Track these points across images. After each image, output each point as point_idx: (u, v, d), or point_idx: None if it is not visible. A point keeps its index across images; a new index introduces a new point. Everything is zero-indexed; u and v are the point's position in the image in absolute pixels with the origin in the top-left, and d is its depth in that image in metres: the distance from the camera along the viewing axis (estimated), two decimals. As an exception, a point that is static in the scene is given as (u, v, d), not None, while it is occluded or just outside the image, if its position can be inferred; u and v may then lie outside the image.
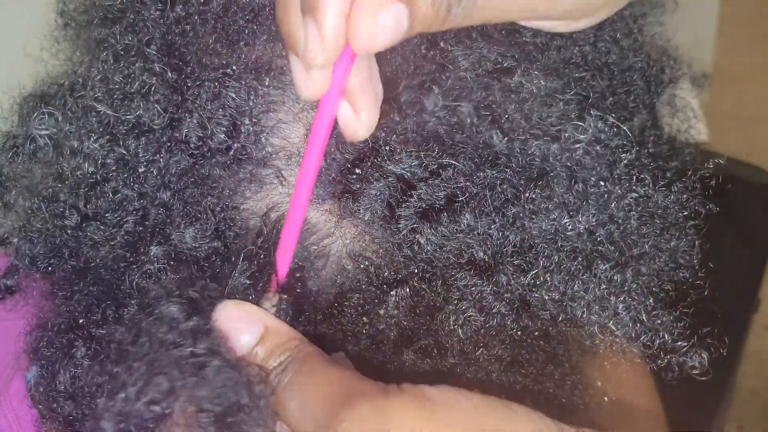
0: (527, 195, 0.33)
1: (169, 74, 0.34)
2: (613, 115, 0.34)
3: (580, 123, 0.33)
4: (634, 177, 0.34)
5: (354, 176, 0.34)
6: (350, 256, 0.35)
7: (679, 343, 0.35)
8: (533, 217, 0.33)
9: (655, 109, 0.39)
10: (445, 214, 0.33)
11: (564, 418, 0.41)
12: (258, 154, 0.35)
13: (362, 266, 0.35)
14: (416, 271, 0.34)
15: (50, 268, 0.37)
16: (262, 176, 0.35)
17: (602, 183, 0.33)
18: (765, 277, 0.97)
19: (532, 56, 0.34)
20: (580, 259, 0.34)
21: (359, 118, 0.30)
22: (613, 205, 0.34)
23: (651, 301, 0.35)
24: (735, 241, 0.94)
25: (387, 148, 0.33)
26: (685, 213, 0.36)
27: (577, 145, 0.33)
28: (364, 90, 0.30)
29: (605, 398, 0.49)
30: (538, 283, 0.34)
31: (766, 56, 2.00)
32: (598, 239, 0.34)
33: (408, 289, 0.34)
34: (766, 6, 2.09)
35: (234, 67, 0.35)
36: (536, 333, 0.36)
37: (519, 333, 0.35)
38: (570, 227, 0.33)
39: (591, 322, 0.34)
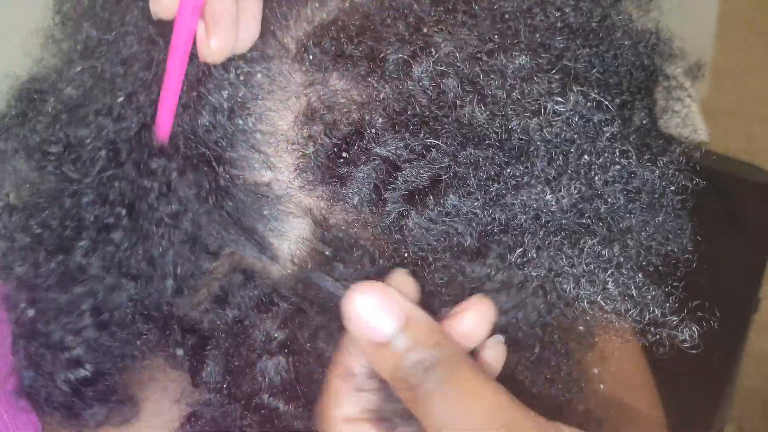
0: (509, 171, 0.33)
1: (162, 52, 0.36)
2: (596, 90, 0.34)
3: (559, 98, 0.33)
4: (617, 150, 0.34)
5: (341, 160, 0.34)
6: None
7: (670, 317, 0.35)
8: (516, 192, 0.33)
9: (647, 88, 0.39)
10: (431, 195, 0.33)
11: (561, 409, 0.41)
12: (247, 141, 0.35)
13: (356, 254, 0.35)
14: (407, 256, 0.34)
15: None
16: (251, 161, 0.36)
17: (584, 156, 0.33)
18: (765, 276, 0.97)
19: (514, 35, 0.34)
20: (565, 234, 0.34)
21: (209, 43, 0.32)
22: (596, 179, 0.33)
23: (640, 275, 0.35)
24: (735, 240, 0.94)
25: (373, 131, 0.33)
26: (672, 187, 0.36)
27: (557, 118, 0.33)
28: (218, 16, 0.32)
29: (601, 386, 0.49)
30: (525, 260, 0.34)
31: (765, 54, 2.00)
32: (584, 214, 0.34)
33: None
34: (765, 4, 2.09)
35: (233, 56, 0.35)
36: (531, 317, 0.36)
37: (514, 318, 0.36)
38: (553, 202, 0.33)
39: (580, 298, 0.34)
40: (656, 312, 0.35)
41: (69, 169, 0.37)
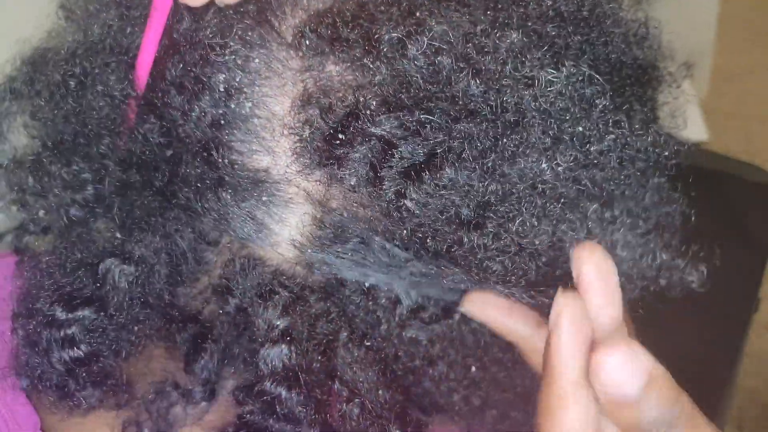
0: (504, 141, 0.33)
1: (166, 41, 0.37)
2: (587, 65, 0.35)
3: (552, 69, 0.33)
4: (611, 120, 0.35)
5: (338, 142, 0.34)
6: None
7: (677, 260, 0.37)
8: (511, 163, 0.34)
9: (637, 77, 0.39)
10: (427, 171, 0.33)
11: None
12: (244, 126, 0.36)
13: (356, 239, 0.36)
14: (405, 233, 0.35)
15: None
16: (249, 146, 0.36)
17: (578, 126, 0.34)
18: (765, 276, 0.97)
19: (505, 16, 0.35)
20: (565, 201, 0.34)
21: None
22: (592, 149, 0.34)
23: (643, 228, 0.36)
24: (735, 241, 0.94)
25: (368, 111, 0.34)
26: (665, 153, 0.37)
27: (549, 89, 0.33)
28: None
29: None
30: (526, 229, 0.34)
31: (765, 55, 2.00)
32: (581, 181, 0.35)
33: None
34: (765, 5, 2.09)
35: (231, 42, 0.36)
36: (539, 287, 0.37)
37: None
38: (548, 170, 0.34)
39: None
40: (664, 257, 0.36)
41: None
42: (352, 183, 0.35)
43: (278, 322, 0.37)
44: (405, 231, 0.35)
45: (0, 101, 0.41)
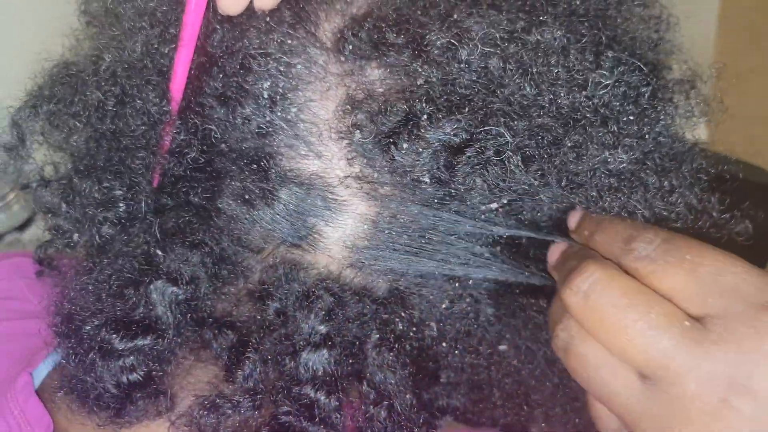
0: (567, 139, 0.35)
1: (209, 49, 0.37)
2: (626, 53, 0.36)
3: (604, 71, 0.35)
4: (659, 106, 0.37)
5: (403, 150, 0.34)
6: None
7: (725, 215, 0.41)
8: (578, 160, 0.35)
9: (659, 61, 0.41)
10: (498, 170, 0.35)
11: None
12: (291, 130, 0.36)
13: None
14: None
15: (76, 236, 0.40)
16: (298, 151, 0.36)
17: (632, 118, 0.36)
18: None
19: (539, 14, 0.35)
20: (629, 184, 0.37)
21: None
22: (647, 136, 0.36)
23: (697, 189, 0.40)
24: (735, 241, 0.94)
25: (425, 116, 0.34)
26: (705, 119, 0.41)
27: (602, 91, 0.35)
28: None
29: None
30: (617, 203, 0.37)
31: (766, 56, 2.00)
32: (648, 165, 0.37)
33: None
34: (766, 6, 2.09)
35: (271, 49, 0.36)
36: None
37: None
38: (612, 164, 0.36)
39: (654, 214, 0.38)
40: (715, 215, 0.40)
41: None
42: (428, 184, 0.35)
43: (321, 327, 0.37)
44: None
45: (25, 120, 0.41)
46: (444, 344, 0.41)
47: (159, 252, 0.37)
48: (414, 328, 0.39)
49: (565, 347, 0.33)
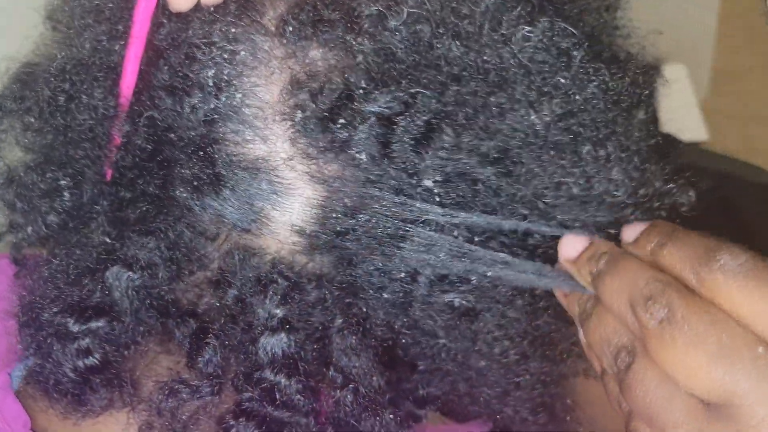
0: (492, 99, 0.35)
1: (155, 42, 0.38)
2: (560, 19, 0.36)
3: (528, 26, 0.35)
4: (591, 69, 0.37)
5: (339, 126, 0.35)
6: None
7: (669, 185, 0.39)
8: (501, 118, 0.35)
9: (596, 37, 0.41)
10: (427, 140, 0.35)
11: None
12: (237, 116, 0.37)
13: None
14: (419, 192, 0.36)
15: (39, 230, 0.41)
16: (243, 136, 0.37)
17: (560, 77, 0.36)
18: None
19: None
20: (558, 148, 0.36)
21: None
22: (576, 97, 0.36)
23: (636, 159, 0.38)
24: (735, 241, 0.94)
25: (360, 90, 0.35)
26: (646, 91, 0.40)
27: (527, 44, 0.35)
28: None
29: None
30: (531, 176, 0.36)
31: (765, 55, 2.00)
32: (570, 128, 0.36)
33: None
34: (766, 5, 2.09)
35: (215, 38, 0.37)
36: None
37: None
38: (538, 121, 0.35)
39: (594, 197, 0.38)
40: (657, 184, 0.39)
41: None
42: (364, 161, 0.35)
43: (277, 311, 0.37)
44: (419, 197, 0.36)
45: None
46: (416, 331, 0.41)
47: (114, 240, 0.38)
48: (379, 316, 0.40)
49: (625, 367, 0.32)
